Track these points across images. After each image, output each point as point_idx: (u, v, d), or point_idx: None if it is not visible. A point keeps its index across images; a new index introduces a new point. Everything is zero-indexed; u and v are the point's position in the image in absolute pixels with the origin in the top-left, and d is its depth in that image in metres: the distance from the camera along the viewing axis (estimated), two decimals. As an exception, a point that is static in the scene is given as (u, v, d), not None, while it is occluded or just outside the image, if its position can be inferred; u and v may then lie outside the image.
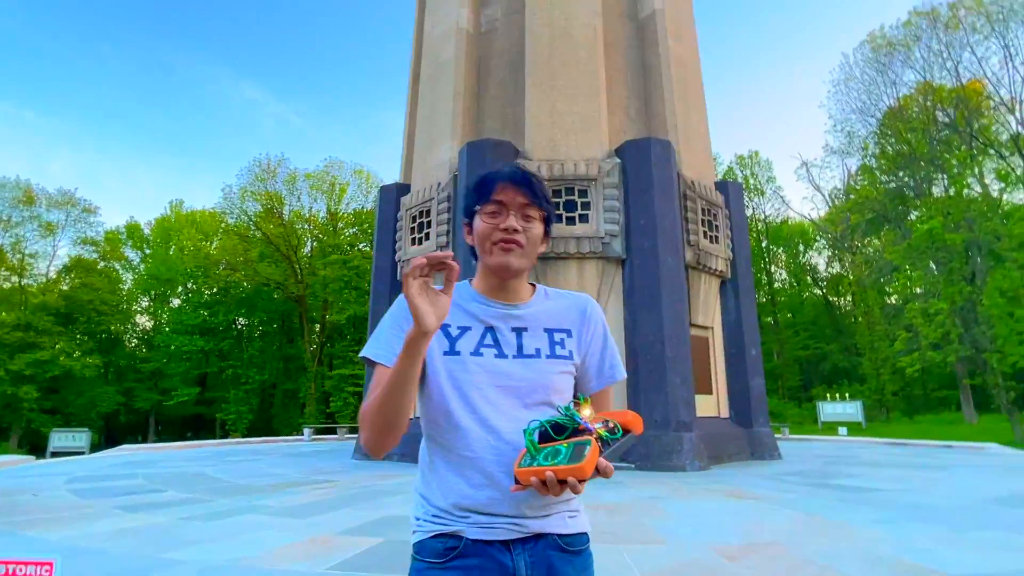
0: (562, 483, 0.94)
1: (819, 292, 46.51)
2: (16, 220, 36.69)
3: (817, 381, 40.86)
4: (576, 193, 10.68)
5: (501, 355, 1.15)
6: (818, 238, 44.34)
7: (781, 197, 45.67)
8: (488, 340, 1.16)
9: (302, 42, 78.26)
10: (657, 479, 8.18)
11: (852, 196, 34.61)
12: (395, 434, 1.05)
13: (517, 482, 0.99)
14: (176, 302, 44.15)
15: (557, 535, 1.12)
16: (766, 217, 45.57)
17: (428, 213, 11.75)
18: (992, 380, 22.96)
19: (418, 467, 1.21)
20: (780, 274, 48.07)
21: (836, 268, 44.66)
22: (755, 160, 44.97)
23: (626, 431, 1.02)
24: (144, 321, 45.23)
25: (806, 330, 43.23)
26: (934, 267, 26.09)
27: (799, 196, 64.79)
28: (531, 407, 1.12)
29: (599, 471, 0.95)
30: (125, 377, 39.42)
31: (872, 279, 35.04)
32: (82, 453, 17.69)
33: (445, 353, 1.14)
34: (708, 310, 11.74)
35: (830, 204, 40.01)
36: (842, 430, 21.12)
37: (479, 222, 1.18)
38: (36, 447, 27.20)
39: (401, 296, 1.12)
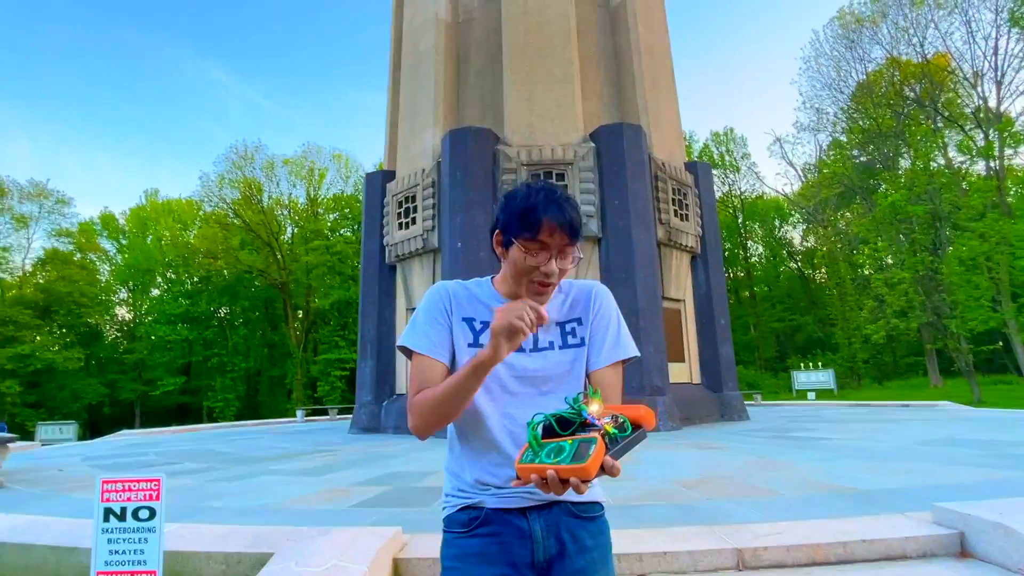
0: (564, 482, 0.91)
1: (794, 265, 47.75)
2: (-13, 213, 36.28)
3: (792, 352, 42.18)
4: (554, 176, 11.28)
5: (519, 350, 1.23)
6: (792, 213, 45.41)
7: (756, 173, 46.89)
8: None
9: (265, 22, 75.52)
10: (633, 438, 8.95)
11: (824, 171, 35.67)
12: (446, 424, 1.21)
13: (518, 477, 0.97)
14: (156, 292, 43.99)
15: (570, 503, 1.21)
16: (742, 193, 46.54)
17: (414, 199, 12.26)
18: (952, 344, 24.25)
19: (447, 445, 1.33)
20: (756, 248, 49.25)
21: (810, 242, 45.87)
22: (730, 137, 45.86)
23: (636, 427, 0.96)
24: (124, 312, 45.12)
25: (782, 303, 44.50)
26: (903, 239, 27.22)
27: (773, 172, 65.59)
28: (547, 394, 1.23)
29: (605, 470, 0.91)
30: (108, 369, 39.43)
31: (843, 252, 36.28)
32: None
33: (469, 345, 1.25)
34: (680, 284, 12.49)
35: (803, 179, 41.14)
36: (811, 395, 22.31)
37: (517, 252, 1.21)
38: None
39: (432, 290, 1.31)
